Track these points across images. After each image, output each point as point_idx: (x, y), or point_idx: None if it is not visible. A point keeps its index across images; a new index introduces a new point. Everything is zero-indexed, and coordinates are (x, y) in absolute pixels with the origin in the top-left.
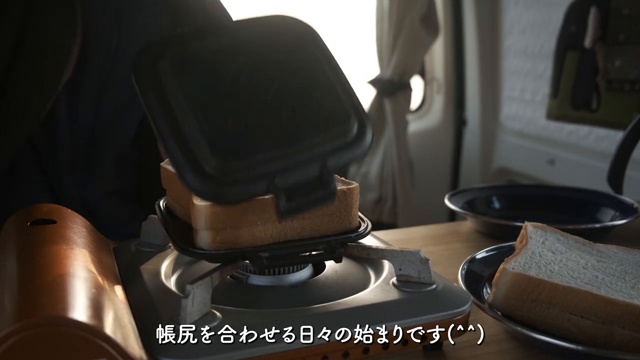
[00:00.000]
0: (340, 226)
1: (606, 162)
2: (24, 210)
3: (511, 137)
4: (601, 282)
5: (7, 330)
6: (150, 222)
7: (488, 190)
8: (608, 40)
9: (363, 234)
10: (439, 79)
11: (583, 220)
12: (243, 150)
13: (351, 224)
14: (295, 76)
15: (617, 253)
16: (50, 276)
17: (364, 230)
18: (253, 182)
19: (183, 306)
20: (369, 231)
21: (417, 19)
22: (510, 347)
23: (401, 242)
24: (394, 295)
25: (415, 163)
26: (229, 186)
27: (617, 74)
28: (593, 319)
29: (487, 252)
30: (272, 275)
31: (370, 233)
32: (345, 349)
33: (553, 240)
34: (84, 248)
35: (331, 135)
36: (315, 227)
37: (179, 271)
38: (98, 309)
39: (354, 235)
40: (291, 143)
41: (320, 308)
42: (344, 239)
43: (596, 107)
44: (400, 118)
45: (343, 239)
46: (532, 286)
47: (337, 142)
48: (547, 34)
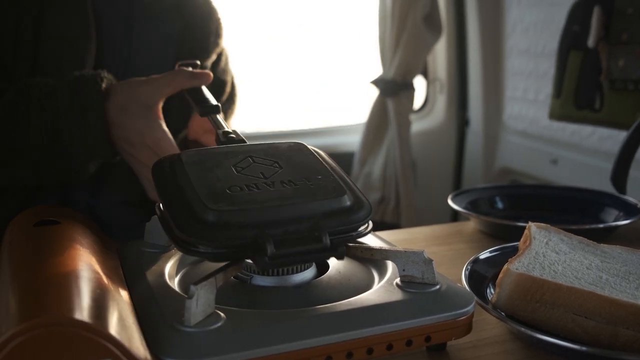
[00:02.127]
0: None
1: (609, 162)
2: (29, 211)
3: (514, 137)
4: (605, 283)
5: (12, 331)
6: (154, 223)
7: (491, 191)
8: (611, 40)
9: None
10: (442, 79)
11: (586, 220)
12: (238, 202)
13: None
14: (298, 166)
15: (621, 253)
16: (55, 277)
17: (364, 230)
18: (244, 227)
19: (187, 307)
20: (369, 230)
21: (420, 18)
22: (514, 347)
23: (404, 243)
24: (397, 295)
25: (418, 163)
26: (219, 229)
27: (620, 74)
28: (597, 320)
29: (491, 252)
30: (276, 275)
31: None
32: (349, 350)
33: (557, 240)
34: (88, 249)
35: (326, 202)
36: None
37: (183, 272)
38: (102, 309)
39: (355, 234)
40: (286, 201)
41: (324, 308)
42: (347, 237)
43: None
44: (403, 118)
45: (346, 237)
46: (536, 287)
47: (330, 207)
48: (550, 33)
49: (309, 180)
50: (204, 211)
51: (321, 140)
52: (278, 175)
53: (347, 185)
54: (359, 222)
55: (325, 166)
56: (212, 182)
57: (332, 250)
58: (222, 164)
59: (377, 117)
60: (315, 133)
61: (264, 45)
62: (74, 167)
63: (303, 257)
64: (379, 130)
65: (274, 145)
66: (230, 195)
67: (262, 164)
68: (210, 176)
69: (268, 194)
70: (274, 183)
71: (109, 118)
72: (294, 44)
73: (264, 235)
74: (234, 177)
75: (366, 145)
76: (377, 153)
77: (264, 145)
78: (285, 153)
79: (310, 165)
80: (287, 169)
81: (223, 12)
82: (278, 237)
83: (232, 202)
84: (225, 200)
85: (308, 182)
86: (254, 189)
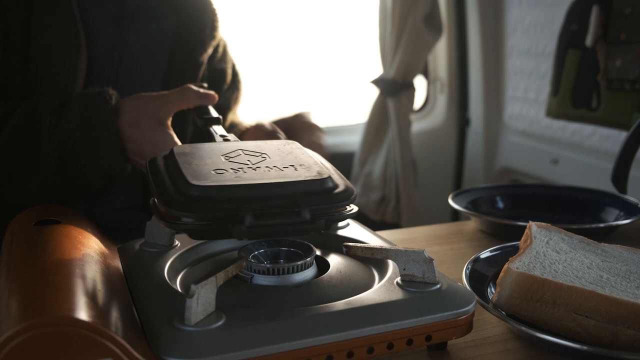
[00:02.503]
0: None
1: (610, 162)
2: (29, 211)
3: (515, 137)
4: (606, 282)
5: (13, 330)
6: (154, 223)
7: (492, 190)
8: (609, 39)
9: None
10: (442, 79)
11: (587, 220)
12: (222, 180)
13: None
14: (285, 157)
15: (621, 253)
16: (56, 276)
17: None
18: (225, 201)
19: (188, 306)
20: (352, 212)
21: (420, 18)
22: (514, 347)
23: (405, 242)
24: (398, 295)
25: (419, 163)
26: (201, 202)
27: (617, 74)
28: (598, 319)
29: (491, 251)
30: (276, 275)
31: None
32: (350, 349)
33: (557, 240)
34: (89, 248)
35: (308, 183)
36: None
37: (184, 271)
38: (103, 309)
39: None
40: (269, 180)
41: (324, 308)
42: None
43: (596, 105)
44: (404, 118)
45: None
46: (537, 286)
47: (312, 188)
48: (551, 33)
49: (295, 168)
50: (188, 187)
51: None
52: (264, 162)
53: (334, 172)
54: (340, 201)
55: (314, 158)
56: (200, 166)
57: (311, 223)
58: (212, 154)
59: (377, 116)
60: None
61: (265, 45)
62: (87, 184)
63: (281, 229)
64: (380, 130)
65: (268, 142)
66: (214, 175)
67: (251, 154)
68: (198, 162)
69: (252, 174)
70: (259, 168)
71: (122, 134)
72: (295, 44)
73: (243, 209)
74: (221, 162)
75: (366, 145)
76: (377, 153)
77: (258, 142)
78: (276, 147)
79: (299, 157)
80: (274, 158)
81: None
82: (258, 210)
83: (215, 180)
84: (209, 179)
85: (293, 168)
86: (239, 171)
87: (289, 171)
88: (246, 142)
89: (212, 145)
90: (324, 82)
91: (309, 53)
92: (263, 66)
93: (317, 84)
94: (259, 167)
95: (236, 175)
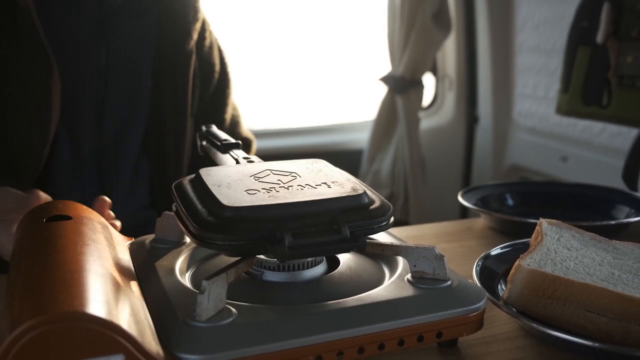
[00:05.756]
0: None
1: (620, 159)
2: (40, 207)
3: (524, 134)
4: (617, 279)
5: (25, 326)
6: (165, 219)
7: (501, 187)
8: (621, 36)
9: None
10: (451, 76)
11: (597, 217)
12: (256, 201)
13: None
14: (316, 175)
15: (633, 250)
16: (67, 272)
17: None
18: (261, 221)
19: (199, 302)
20: (390, 224)
21: (429, 15)
22: (525, 344)
23: (414, 239)
24: (408, 291)
25: (427, 160)
26: (237, 224)
27: (628, 70)
28: (609, 316)
29: (502, 248)
30: (286, 271)
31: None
32: (360, 345)
33: (568, 237)
34: (100, 244)
35: (344, 199)
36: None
37: (194, 267)
38: (115, 304)
39: (376, 226)
40: (304, 199)
41: (335, 304)
42: (367, 228)
43: (607, 103)
44: (412, 115)
45: (366, 228)
46: (548, 283)
47: (349, 204)
48: (560, 30)
49: (328, 185)
50: (221, 209)
51: (330, 137)
52: (295, 181)
53: (367, 189)
54: (378, 217)
55: (345, 174)
56: (230, 188)
57: (353, 242)
58: (239, 175)
59: (386, 114)
60: (324, 130)
61: (273, 43)
62: None
63: (323, 248)
64: (388, 127)
65: (294, 161)
66: (247, 196)
67: (280, 174)
68: (227, 183)
69: (285, 194)
70: (291, 187)
71: None
72: (303, 41)
73: (282, 227)
74: (252, 183)
75: (375, 142)
76: (386, 150)
77: (285, 162)
78: (304, 166)
79: (330, 174)
80: (305, 177)
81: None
82: (297, 229)
83: (249, 201)
84: (242, 199)
85: (326, 185)
86: (272, 191)
87: (322, 189)
88: (272, 163)
89: (237, 167)
90: (333, 79)
91: (318, 51)
92: (272, 64)
93: (326, 82)
94: (291, 186)
95: (269, 195)
